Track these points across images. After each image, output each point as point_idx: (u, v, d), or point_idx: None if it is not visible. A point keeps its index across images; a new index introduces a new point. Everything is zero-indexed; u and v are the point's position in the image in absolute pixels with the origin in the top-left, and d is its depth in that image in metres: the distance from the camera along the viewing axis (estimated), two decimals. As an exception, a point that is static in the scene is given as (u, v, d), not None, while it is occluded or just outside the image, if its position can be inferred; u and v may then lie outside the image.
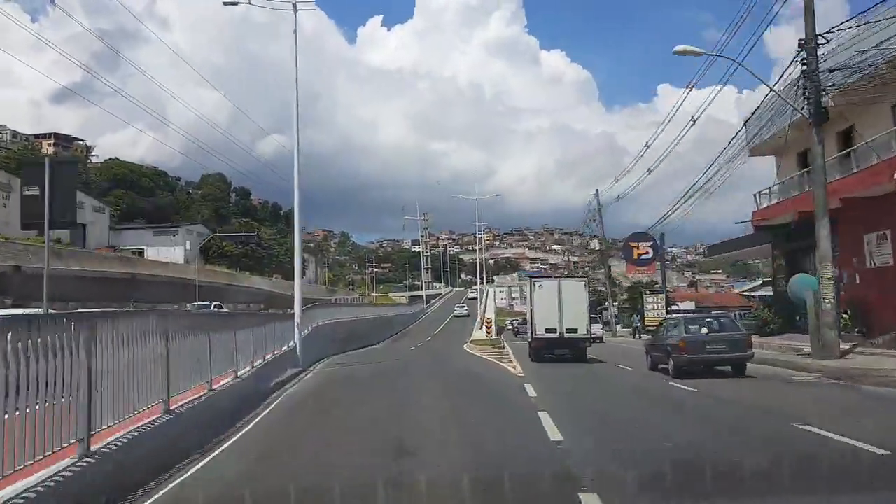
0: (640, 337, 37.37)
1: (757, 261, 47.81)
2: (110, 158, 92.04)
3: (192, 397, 8.92)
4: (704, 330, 16.32)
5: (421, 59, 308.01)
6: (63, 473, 5.01)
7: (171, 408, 7.78)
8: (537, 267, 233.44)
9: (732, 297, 65.51)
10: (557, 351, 21.42)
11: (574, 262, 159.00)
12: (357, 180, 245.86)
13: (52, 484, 4.78)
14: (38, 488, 4.60)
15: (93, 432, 5.67)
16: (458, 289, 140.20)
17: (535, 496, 5.87)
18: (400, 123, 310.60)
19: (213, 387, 10.00)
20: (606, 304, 50.06)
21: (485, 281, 77.61)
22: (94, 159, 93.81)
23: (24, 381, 4.56)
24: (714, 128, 60.40)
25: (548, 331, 21.29)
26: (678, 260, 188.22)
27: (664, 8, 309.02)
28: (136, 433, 6.54)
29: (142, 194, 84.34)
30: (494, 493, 5.90)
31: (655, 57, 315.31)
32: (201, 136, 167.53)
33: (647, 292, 41.54)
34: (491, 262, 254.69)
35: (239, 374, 12.00)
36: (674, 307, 40.91)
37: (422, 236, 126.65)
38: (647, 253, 41.35)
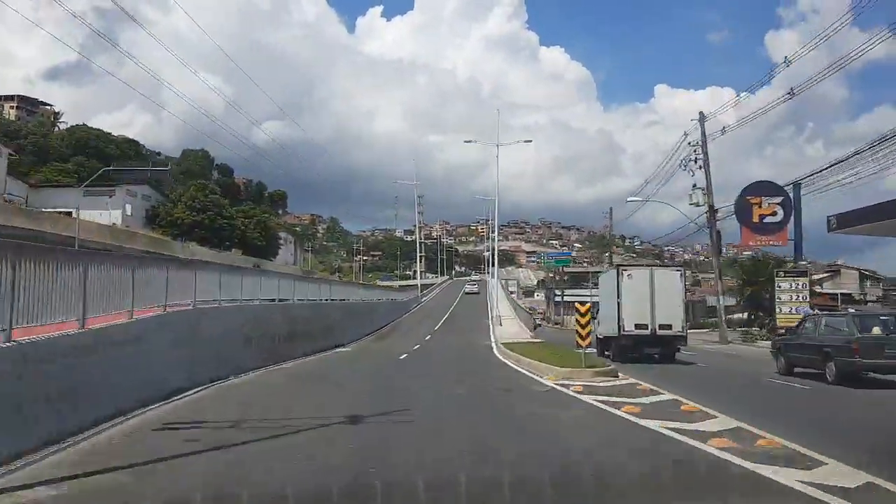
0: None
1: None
2: (77, 125, 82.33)
3: None
4: (878, 329, 13.98)
5: (419, 52, 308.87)
6: None
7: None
8: (532, 262, 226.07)
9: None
10: (648, 350, 19.53)
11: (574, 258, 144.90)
12: (351, 170, 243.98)
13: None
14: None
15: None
16: (455, 278, 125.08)
17: None
18: (396, 115, 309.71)
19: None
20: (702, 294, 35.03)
21: (496, 270, 63.40)
22: (61, 126, 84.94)
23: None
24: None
25: (638, 327, 19.49)
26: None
27: (669, 8, 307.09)
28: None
29: (110, 164, 72.23)
30: None
31: (654, 57, 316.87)
32: (199, 119, 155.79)
33: (782, 273, 26.15)
34: (486, 254, 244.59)
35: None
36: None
37: (418, 205, 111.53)
38: (773, 214, 26.55)
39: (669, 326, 19.33)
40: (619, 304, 19.95)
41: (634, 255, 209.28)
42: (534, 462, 6.66)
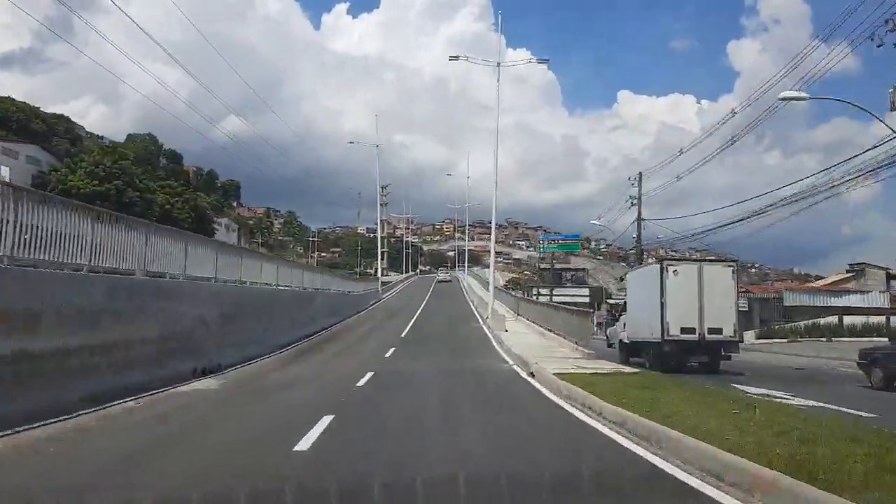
0: None
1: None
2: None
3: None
4: None
5: (385, 51, 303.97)
6: None
7: None
8: (500, 262, 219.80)
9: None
10: (694, 358, 18.22)
11: (542, 258, 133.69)
12: (315, 167, 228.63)
13: None
14: None
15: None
16: (422, 275, 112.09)
17: None
18: (361, 114, 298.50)
19: None
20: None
21: (493, 260, 51.49)
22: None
23: None
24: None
25: (684, 331, 17.76)
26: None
27: (632, 16, 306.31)
28: None
29: (34, 140, 61.72)
30: None
31: (619, 63, 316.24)
32: (159, 112, 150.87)
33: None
34: (451, 254, 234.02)
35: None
36: None
37: (380, 191, 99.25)
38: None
39: (720, 330, 17.75)
40: (662, 303, 18.17)
41: (600, 259, 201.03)
42: None
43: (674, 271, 18.54)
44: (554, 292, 62.21)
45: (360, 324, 31.04)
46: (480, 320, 32.52)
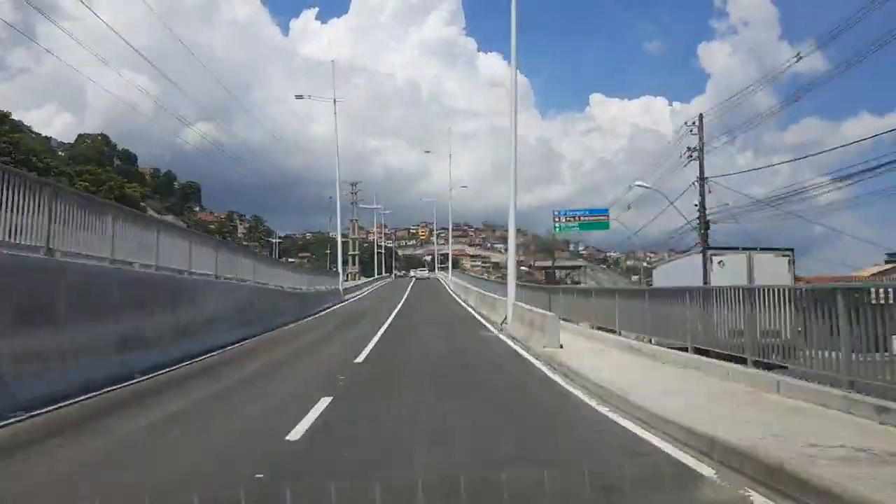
0: None
1: None
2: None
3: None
4: None
5: (356, 55, 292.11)
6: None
7: None
8: (478, 265, 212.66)
9: None
10: None
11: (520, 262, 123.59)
12: (285, 174, 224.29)
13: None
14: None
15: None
16: (397, 278, 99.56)
17: None
18: (331, 118, 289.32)
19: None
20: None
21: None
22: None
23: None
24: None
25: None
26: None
27: (605, 17, 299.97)
28: None
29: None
30: None
31: (591, 65, 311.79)
32: (123, 120, 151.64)
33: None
34: (428, 258, 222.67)
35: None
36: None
37: (352, 188, 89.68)
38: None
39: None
40: None
41: (580, 259, 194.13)
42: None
43: (720, 262, 17.28)
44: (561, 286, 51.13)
45: (296, 336, 18.68)
46: (492, 327, 20.43)
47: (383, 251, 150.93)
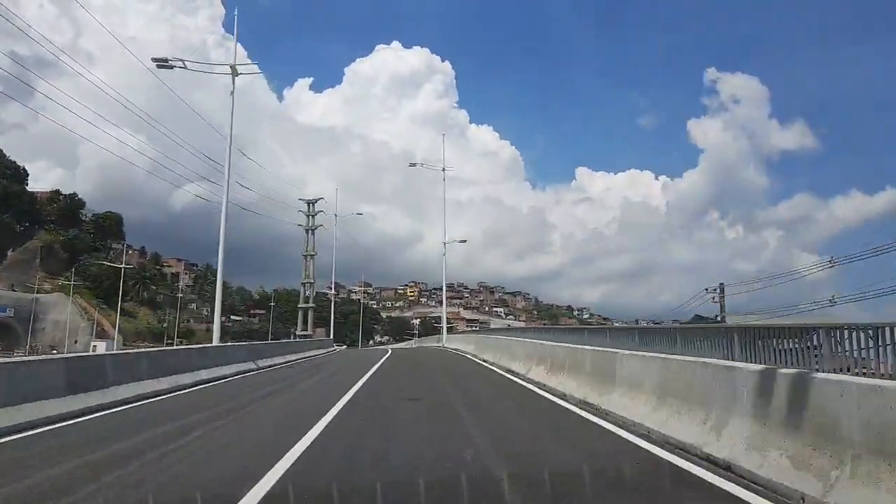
0: None
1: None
2: None
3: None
4: None
5: (351, 123, 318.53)
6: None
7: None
8: (475, 327, 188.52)
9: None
10: None
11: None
12: (274, 235, 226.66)
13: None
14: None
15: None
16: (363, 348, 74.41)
17: None
18: (326, 184, 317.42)
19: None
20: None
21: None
22: None
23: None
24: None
25: None
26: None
27: (596, 92, 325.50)
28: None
29: None
30: None
31: (578, 139, 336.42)
32: (118, 180, 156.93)
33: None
34: (416, 321, 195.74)
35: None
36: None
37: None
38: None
39: None
40: None
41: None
42: None
43: None
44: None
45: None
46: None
47: (360, 310, 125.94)
